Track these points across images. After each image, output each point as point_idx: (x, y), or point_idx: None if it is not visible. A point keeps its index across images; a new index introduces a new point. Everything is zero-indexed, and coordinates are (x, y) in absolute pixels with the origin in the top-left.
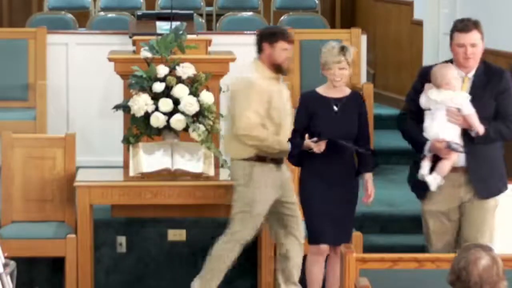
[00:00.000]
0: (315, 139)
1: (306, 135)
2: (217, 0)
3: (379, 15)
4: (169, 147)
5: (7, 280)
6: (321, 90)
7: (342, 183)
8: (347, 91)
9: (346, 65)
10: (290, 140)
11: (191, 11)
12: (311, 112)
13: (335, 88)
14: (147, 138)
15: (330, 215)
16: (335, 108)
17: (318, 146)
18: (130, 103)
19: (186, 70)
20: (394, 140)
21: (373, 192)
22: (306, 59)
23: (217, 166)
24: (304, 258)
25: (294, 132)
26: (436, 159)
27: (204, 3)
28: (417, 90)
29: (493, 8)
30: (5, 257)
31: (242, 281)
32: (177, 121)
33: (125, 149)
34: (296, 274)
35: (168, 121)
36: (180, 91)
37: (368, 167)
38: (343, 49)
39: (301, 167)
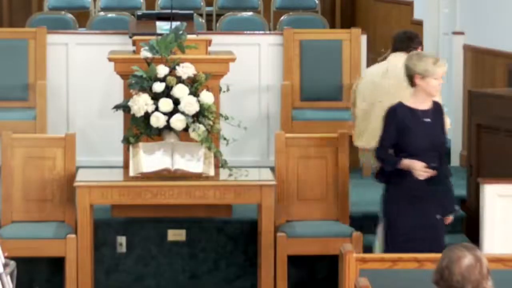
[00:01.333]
0: (422, 164)
1: (391, 151)
2: (217, 0)
3: (379, 15)
4: (169, 147)
5: (7, 280)
6: (411, 102)
7: (432, 197)
8: (430, 102)
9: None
10: (379, 156)
11: (191, 11)
12: (401, 126)
13: (424, 99)
14: (147, 138)
15: (424, 232)
16: (426, 120)
17: (426, 174)
18: (130, 103)
19: (186, 70)
20: None
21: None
22: (306, 59)
23: (217, 166)
24: None
25: (382, 148)
26: None
27: (204, 3)
28: None
29: (492, 8)
30: (5, 257)
31: (242, 281)
32: (177, 121)
33: (125, 149)
34: None
35: (168, 121)
36: (180, 91)
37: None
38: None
39: (388, 184)
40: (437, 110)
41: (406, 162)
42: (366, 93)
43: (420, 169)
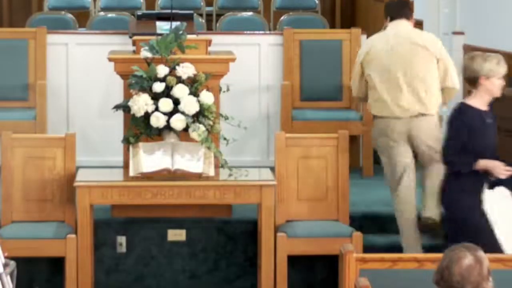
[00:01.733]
0: (500, 162)
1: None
2: (217, 0)
3: (379, 15)
4: (169, 147)
5: (7, 280)
6: (474, 102)
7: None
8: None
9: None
10: (451, 160)
11: (191, 11)
12: (470, 128)
13: (487, 100)
14: (147, 138)
15: None
16: (489, 121)
17: (509, 172)
18: (130, 103)
19: (186, 70)
20: None
21: None
22: (306, 59)
23: (217, 166)
24: None
25: (453, 150)
26: None
27: (204, 3)
28: None
29: (492, 8)
30: (5, 257)
31: (242, 281)
32: (177, 121)
33: (125, 149)
34: None
35: (168, 121)
36: (180, 91)
37: None
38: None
39: (452, 183)
40: (492, 111)
41: (484, 163)
42: (378, 61)
43: (501, 167)
